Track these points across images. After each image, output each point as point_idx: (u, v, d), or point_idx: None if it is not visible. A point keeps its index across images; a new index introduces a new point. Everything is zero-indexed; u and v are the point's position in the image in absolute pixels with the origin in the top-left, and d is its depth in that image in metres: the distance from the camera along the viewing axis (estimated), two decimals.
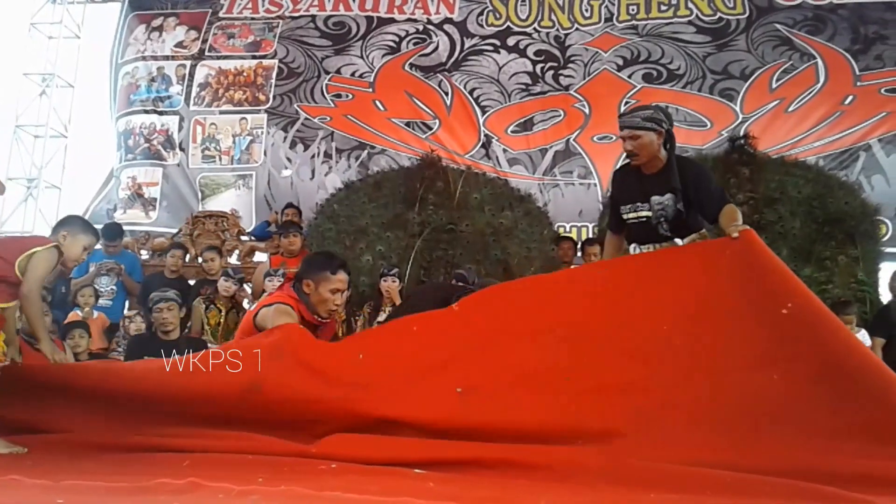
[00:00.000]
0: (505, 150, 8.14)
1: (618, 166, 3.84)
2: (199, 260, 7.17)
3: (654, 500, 1.98)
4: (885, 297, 5.65)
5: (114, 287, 6.49)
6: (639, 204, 3.38)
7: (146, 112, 8.84)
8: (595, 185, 7.91)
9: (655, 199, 3.29)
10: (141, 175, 8.74)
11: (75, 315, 5.86)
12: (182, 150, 8.65)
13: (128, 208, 8.65)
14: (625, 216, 3.46)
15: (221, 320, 5.81)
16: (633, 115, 3.32)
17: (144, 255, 7.41)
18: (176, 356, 4.30)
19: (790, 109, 7.70)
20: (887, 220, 6.99)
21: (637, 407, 2.44)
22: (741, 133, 6.86)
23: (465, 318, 2.89)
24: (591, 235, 6.96)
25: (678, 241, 3.30)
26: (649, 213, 3.33)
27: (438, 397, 2.57)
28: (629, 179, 3.44)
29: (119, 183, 8.82)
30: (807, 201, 6.06)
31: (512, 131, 8.17)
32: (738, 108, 7.79)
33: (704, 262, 2.79)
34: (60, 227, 3.28)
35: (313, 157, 8.35)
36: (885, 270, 5.69)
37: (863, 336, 5.44)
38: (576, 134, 8.06)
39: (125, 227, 7.32)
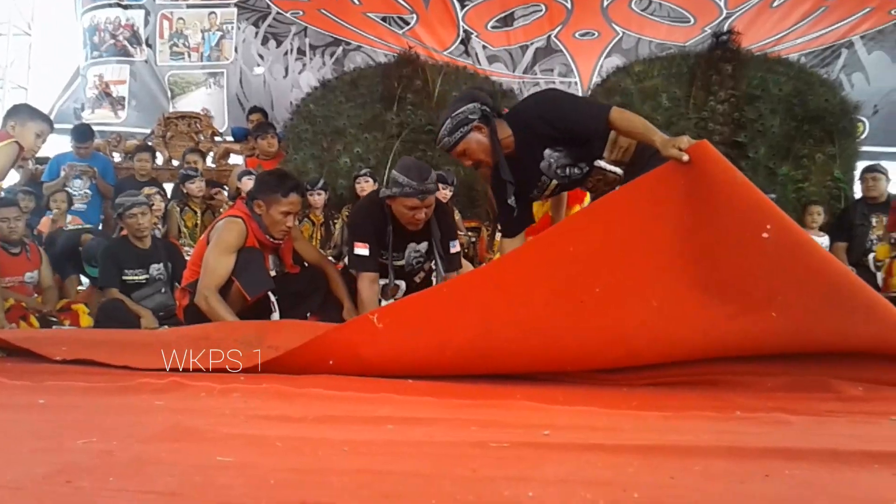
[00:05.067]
0: (485, 47, 7.94)
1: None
2: (175, 163, 7.06)
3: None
4: (859, 194, 5.71)
5: (88, 191, 6.39)
6: (535, 186, 2.89)
7: (110, 6, 8.46)
8: (576, 83, 7.78)
9: (545, 160, 2.79)
10: (108, 73, 8.46)
11: (47, 220, 5.78)
12: (149, 46, 8.35)
13: (96, 108, 8.42)
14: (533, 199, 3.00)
15: (198, 221, 5.78)
16: (440, 146, 2.84)
17: (117, 157, 7.27)
18: (153, 265, 4.42)
19: (775, 5, 7.54)
20: (864, 119, 6.99)
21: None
22: (724, 29, 6.72)
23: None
24: None
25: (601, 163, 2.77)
26: (555, 182, 2.87)
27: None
28: (513, 170, 2.81)
29: (86, 82, 8.54)
30: (787, 99, 6.02)
31: (492, 27, 7.95)
32: (722, 4, 7.60)
33: (659, 199, 2.22)
34: (7, 118, 3.18)
35: (286, 53, 8.09)
36: (861, 168, 5.72)
37: (824, 241, 5.52)
38: (557, 30, 7.86)
39: (94, 128, 7.13)
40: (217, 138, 7.48)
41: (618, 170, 2.77)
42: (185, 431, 1.39)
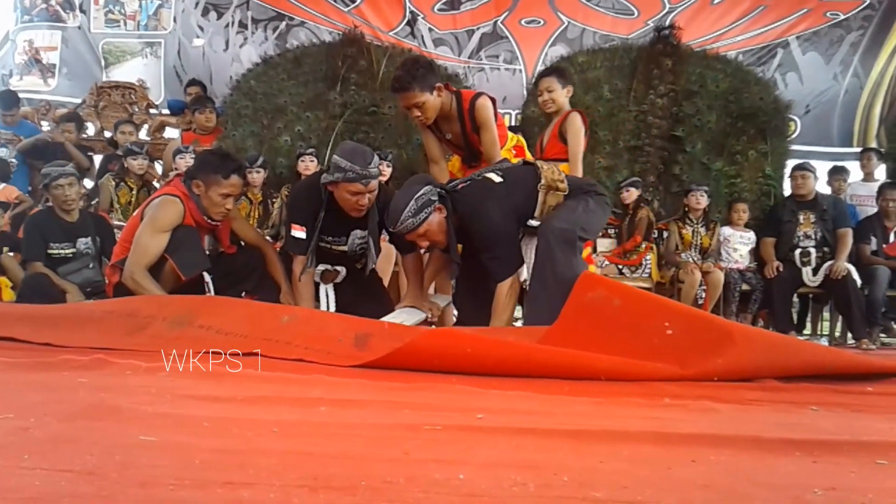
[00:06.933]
0: (431, 30, 7.88)
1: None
2: (107, 134, 6.81)
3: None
4: (788, 192, 5.89)
5: (13, 160, 6.14)
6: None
7: None
8: (520, 70, 7.81)
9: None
10: (39, 39, 8.09)
11: None
12: (83, 11, 8.00)
13: (25, 74, 8.04)
14: None
15: (132, 199, 5.60)
16: (400, 228, 2.99)
17: (46, 126, 6.98)
18: (81, 239, 4.24)
19: (715, 2, 7.69)
20: (796, 118, 7.23)
21: None
22: (667, 23, 6.83)
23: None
24: (513, 123, 6.91)
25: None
26: None
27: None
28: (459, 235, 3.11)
29: (15, 47, 8.15)
30: (723, 95, 6.17)
31: (439, 9, 7.89)
32: None
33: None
34: None
35: (227, 26, 7.87)
36: (791, 166, 5.89)
37: (750, 237, 5.70)
38: (503, 16, 7.86)
39: (22, 96, 6.84)
40: (152, 110, 7.24)
41: None
42: (108, 410, 1.34)
